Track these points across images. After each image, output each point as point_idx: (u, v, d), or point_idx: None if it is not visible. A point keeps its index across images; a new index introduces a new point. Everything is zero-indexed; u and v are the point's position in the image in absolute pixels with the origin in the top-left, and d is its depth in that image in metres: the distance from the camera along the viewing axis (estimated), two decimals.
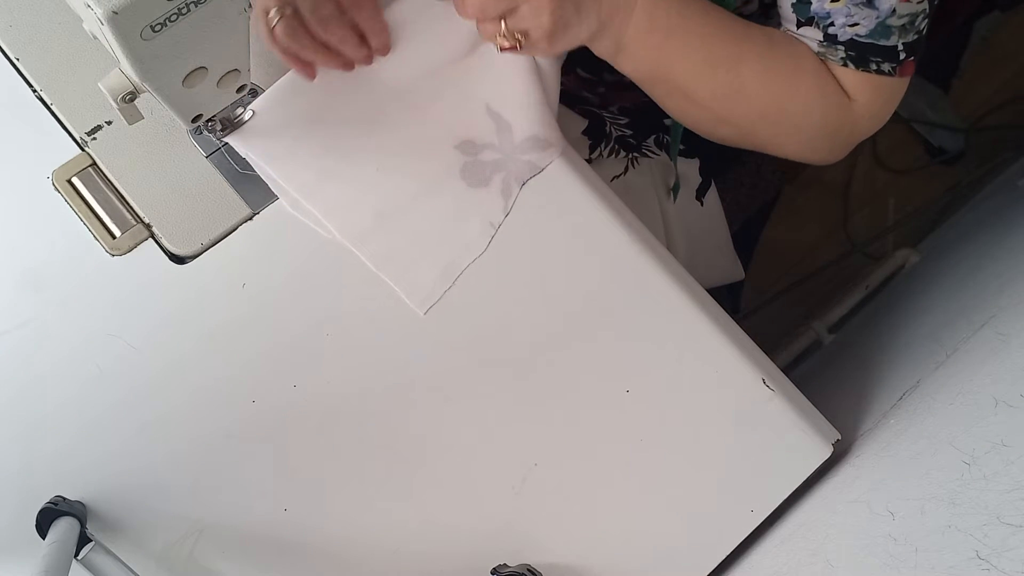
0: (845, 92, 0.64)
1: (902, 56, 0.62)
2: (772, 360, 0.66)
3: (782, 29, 0.65)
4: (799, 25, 0.62)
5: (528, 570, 0.59)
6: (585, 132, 0.85)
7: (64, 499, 0.58)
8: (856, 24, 0.60)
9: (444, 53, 0.65)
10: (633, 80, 0.66)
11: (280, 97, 0.65)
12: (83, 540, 0.57)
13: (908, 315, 0.94)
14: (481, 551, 0.61)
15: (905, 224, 1.61)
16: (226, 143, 0.64)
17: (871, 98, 0.64)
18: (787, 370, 0.71)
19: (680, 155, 0.87)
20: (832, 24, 0.60)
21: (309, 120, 0.64)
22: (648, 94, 0.67)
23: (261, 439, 0.61)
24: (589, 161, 0.83)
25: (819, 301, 1.49)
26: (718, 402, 0.63)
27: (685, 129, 0.73)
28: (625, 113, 0.87)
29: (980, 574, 0.36)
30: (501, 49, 0.62)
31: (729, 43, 0.62)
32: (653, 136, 0.87)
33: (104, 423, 0.61)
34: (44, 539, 0.55)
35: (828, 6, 0.60)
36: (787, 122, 0.65)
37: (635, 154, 0.86)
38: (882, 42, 0.60)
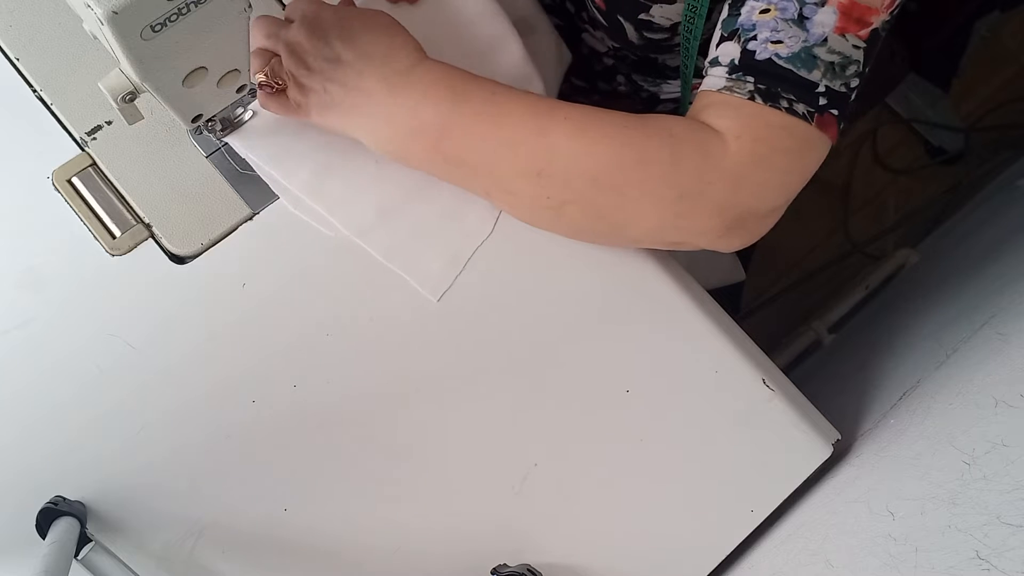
0: (714, 131, 0.54)
1: (822, 102, 0.53)
2: (772, 360, 0.66)
3: (705, 63, 0.57)
4: (721, 41, 0.55)
5: (528, 570, 0.59)
6: None
7: (64, 499, 0.58)
8: (779, 42, 0.53)
9: (441, 56, 0.65)
10: (437, 178, 0.61)
11: None
12: (83, 540, 0.57)
13: (908, 315, 0.95)
14: (481, 551, 0.61)
15: (905, 224, 1.62)
16: (226, 143, 0.64)
17: (764, 139, 0.53)
18: (787, 370, 0.71)
19: None
20: (754, 38, 0.53)
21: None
22: (467, 190, 0.61)
23: (261, 439, 0.61)
24: None
25: (819, 301, 1.49)
26: (718, 402, 0.63)
27: None
28: None
29: (980, 574, 0.36)
30: (259, 85, 0.61)
31: (527, 119, 0.55)
32: None
33: (104, 423, 0.61)
34: (44, 539, 0.55)
35: (756, 17, 0.53)
36: (628, 182, 0.54)
37: None
38: (801, 72, 0.52)
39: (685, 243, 0.56)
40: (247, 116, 0.64)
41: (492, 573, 0.60)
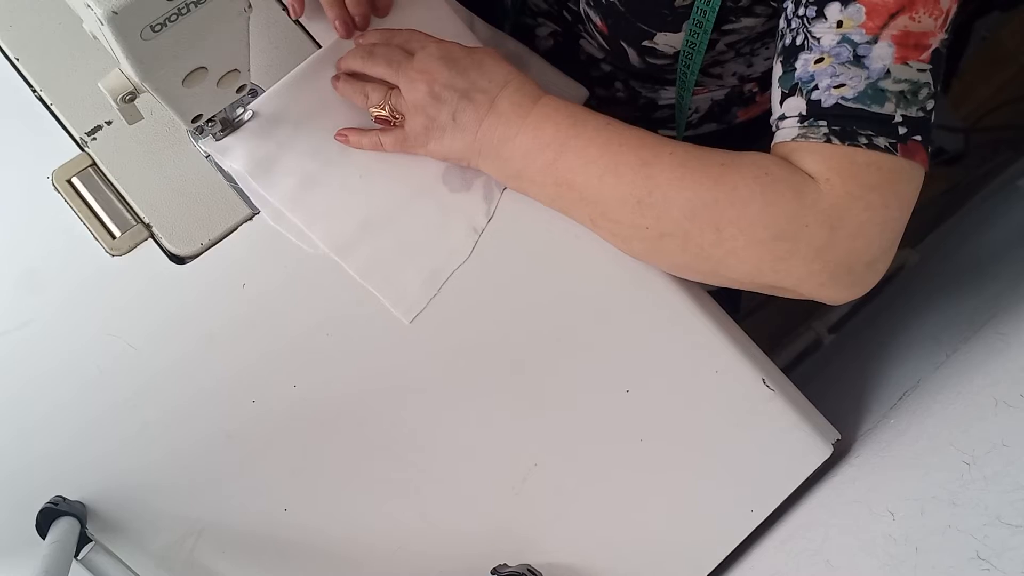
0: (808, 175, 0.53)
1: (902, 131, 0.52)
2: (772, 360, 0.66)
3: (771, 120, 0.58)
4: (783, 99, 0.55)
5: (528, 570, 0.59)
6: None
7: (64, 499, 0.58)
8: (842, 85, 0.52)
9: None
10: (545, 204, 0.63)
11: (276, 100, 0.65)
12: (83, 540, 0.57)
13: (908, 315, 0.94)
14: (481, 551, 0.61)
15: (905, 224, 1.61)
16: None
17: (853, 177, 0.52)
18: (787, 370, 0.70)
19: None
20: (816, 88, 0.53)
21: (294, 127, 0.64)
22: (573, 219, 0.63)
23: (261, 439, 0.61)
24: None
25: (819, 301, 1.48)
26: (718, 402, 0.63)
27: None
28: None
29: (980, 574, 0.36)
30: (376, 119, 0.63)
31: (634, 149, 0.57)
32: None
33: (104, 423, 0.61)
34: (44, 539, 0.55)
35: (812, 68, 0.53)
36: (724, 219, 0.54)
37: None
38: (874, 108, 0.52)
39: (789, 289, 0.56)
40: (247, 116, 0.64)
41: (492, 573, 0.60)
